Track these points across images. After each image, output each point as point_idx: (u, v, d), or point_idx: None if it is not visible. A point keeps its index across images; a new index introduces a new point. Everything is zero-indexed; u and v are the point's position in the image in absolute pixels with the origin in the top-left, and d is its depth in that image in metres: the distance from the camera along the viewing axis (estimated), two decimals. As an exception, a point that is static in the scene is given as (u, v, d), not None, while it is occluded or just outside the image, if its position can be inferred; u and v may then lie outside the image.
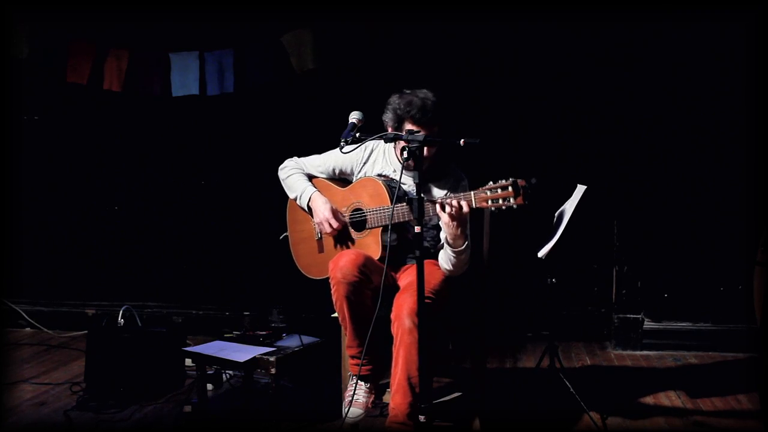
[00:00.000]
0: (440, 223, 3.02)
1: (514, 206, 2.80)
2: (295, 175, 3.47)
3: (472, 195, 2.91)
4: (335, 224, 3.32)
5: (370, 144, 3.34)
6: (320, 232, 3.43)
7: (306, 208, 3.43)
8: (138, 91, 4.78)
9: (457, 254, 3.09)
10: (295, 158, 3.54)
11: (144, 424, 3.53)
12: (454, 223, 2.95)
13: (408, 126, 3.15)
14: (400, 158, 3.28)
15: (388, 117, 3.22)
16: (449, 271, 3.18)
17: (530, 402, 3.73)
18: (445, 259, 3.16)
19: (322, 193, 3.40)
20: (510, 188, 2.80)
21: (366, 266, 3.09)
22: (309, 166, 3.50)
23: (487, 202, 2.86)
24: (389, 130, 3.21)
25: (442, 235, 3.09)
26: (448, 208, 2.92)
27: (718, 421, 3.45)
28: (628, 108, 4.48)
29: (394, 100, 3.21)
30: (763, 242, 3.84)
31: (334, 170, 3.46)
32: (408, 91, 3.21)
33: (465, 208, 2.92)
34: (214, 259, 5.04)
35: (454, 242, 3.05)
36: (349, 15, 4.52)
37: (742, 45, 4.28)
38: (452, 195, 3.00)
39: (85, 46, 4.72)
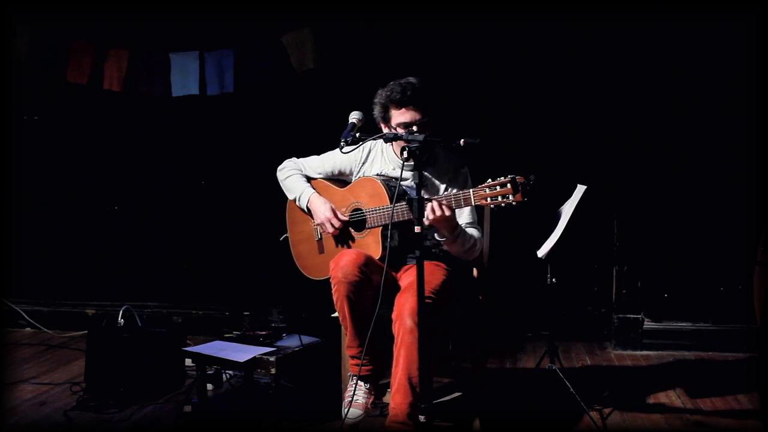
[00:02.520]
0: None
1: (514, 203, 2.79)
2: (294, 176, 3.47)
3: (471, 193, 2.91)
4: (337, 224, 3.32)
5: (368, 144, 3.34)
6: (320, 233, 3.42)
7: (305, 209, 3.43)
8: (138, 91, 4.79)
9: (447, 243, 3.16)
10: (294, 159, 3.54)
11: (144, 424, 3.53)
12: (437, 223, 3.01)
13: (393, 112, 3.17)
14: (399, 156, 3.29)
15: (375, 111, 3.24)
16: (456, 253, 3.26)
17: (530, 402, 3.72)
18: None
19: (321, 194, 3.40)
20: (509, 185, 2.79)
21: (367, 266, 3.09)
22: (307, 167, 3.49)
23: (486, 200, 2.85)
24: (381, 126, 3.24)
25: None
26: (430, 215, 2.94)
27: (718, 421, 3.45)
28: (628, 108, 4.48)
29: (378, 92, 3.25)
30: (763, 242, 3.84)
31: (332, 171, 3.45)
32: (392, 82, 3.23)
33: (447, 213, 2.95)
34: (214, 259, 5.04)
35: (439, 233, 3.15)
36: (349, 15, 4.52)
37: (742, 45, 4.28)
38: (451, 193, 3.00)
39: (85, 46, 4.72)
